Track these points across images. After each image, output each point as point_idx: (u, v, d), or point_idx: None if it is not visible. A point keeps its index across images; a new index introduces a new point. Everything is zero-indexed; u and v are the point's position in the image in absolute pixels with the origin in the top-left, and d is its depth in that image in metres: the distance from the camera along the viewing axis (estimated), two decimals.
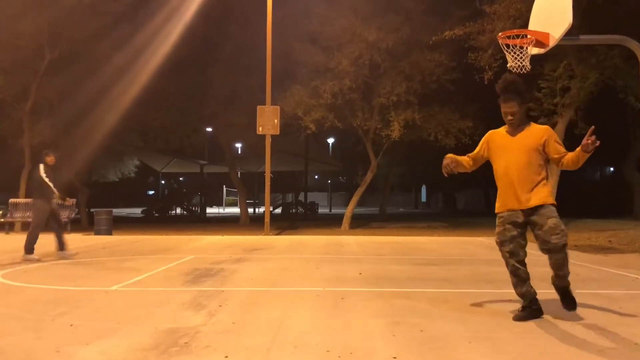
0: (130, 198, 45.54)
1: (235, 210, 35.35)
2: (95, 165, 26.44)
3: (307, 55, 17.19)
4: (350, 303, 5.20)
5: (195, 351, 3.58)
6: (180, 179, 50.87)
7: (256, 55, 17.82)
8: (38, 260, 8.55)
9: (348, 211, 18.85)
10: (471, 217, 27.31)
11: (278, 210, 34.92)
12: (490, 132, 4.84)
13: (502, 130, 4.72)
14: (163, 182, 47.50)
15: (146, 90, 18.25)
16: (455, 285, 6.34)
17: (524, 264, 4.56)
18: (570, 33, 7.93)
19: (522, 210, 4.44)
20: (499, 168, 4.64)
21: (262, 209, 24.15)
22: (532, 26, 8.31)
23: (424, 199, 54.71)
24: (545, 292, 5.74)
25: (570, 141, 16.10)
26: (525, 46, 7.88)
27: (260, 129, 15.25)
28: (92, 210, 20.15)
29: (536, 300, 4.60)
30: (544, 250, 4.40)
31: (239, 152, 35.21)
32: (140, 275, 7.04)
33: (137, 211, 34.85)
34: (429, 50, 16.34)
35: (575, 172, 28.74)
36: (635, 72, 8.04)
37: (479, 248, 10.94)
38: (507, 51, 7.99)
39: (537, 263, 5.28)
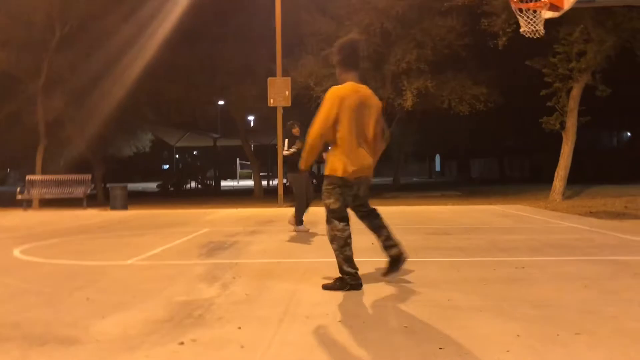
0: (146, 172, 45.90)
1: (249, 183, 35.51)
2: (110, 140, 26.60)
3: (317, 24, 16.99)
4: (362, 273, 5.22)
5: (209, 323, 3.63)
6: (194, 152, 51.07)
7: (266, 25, 17.65)
8: (307, 231, 8.57)
9: None
10: (485, 185, 27.19)
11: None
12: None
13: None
14: (177, 156, 47.69)
15: (157, 63, 18.23)
16: (468, 254, 6.34)
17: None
18: None
19: None
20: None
21: (275, 182, 24.19)
22: None
23: (438, 168, 54.50)
24: (560, 260, 5.73)
25: (590, 104, 15.87)
26: (538, 10, 7.69)
27: (272, 100, 15.18)
28: (107, 185, 20.36)
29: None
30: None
31: (252, 124, 35.15)
32: (155, 249, 7.13)
33: (152, 186, 35.15)
34: (440, 16, 16.06)
35: (592, 139, 28.25)
36: None
37: (493, 216, 10.89)
38: (519, 15, 7.84)
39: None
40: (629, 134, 30.55)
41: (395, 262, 4.65)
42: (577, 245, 6.79)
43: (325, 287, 4.54)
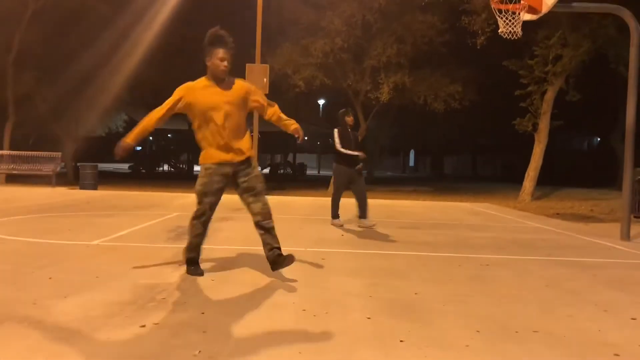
0: None
1: None
2: (82, 118, 26.10)
3: (298, 13, 16.89)
4: (330, 263, 5.26)
5: (172, 307, 3.61)
6: (168, 135, 50.47)
7: (247, 11, 17.48)
8: (341, 226, 8.13)
9: None
10: (458, 183, 27.51)
11: (266, 171, 34.92)
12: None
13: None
14: (151, 138, 47.06)
15: (135, 43, 17.90)
16: (436, 249, 6.42)
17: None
18: (564, 0, 7.83)
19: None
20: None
21: None
22: None
23: (412, 163, 54.93)
24: (527, 259, 5.86)
25: (561, 108, 16.14)
26: (517, 11, 7.78)
27: None
28: (78, 164, 20.02)
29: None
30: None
31: None
32: (122, 230, 7.05)
33: (124, 167, 34.66)
34: (421, 11, 16.12)
35: (563, 142, 28.72)
36: (628, 42, 7.98)
37: (463, 213, 11.04)
38: (499, 16, 7.90)
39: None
40: (598, 138, 31.20)
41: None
42: (542, 246, 6.93)
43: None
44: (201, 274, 4.59)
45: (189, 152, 35.64)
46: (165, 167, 34.69)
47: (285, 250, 4.84)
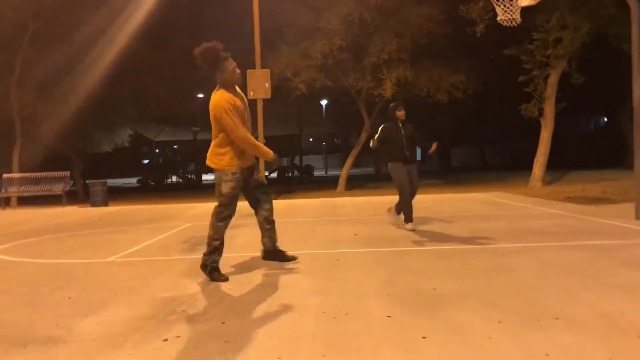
0: (125, 168, 45.45)
1: None
2: (88, 136, 26.25)
3: (295, 16, 16.89)
4: (346, 264, 5.26)
5: (192, 318, 3.63)
6: (175, 147, 50.68)
7: (245, 17, 17.50)
8: (413, 230, 7.32)
9: (343, 173, 18.89)
10: (466, 174, 27.40)
11: (274, 175, 34.93)
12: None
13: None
14: (157, 150, 47.31)
15: (136, 57, 17.97)
16: (449, 242, 6.40)
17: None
18: None
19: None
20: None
21: None
22: None
23: (419, 157, 54.78)
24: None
25: (566, 91, 16.01)
26: None
27: (252, 93, 15.05)
28: (87, 181, 20.13)
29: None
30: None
31: None
32: (137, 245, 7.08)
33: (132, 181, 34.82)
34: (417, 5, 16.09)
35: (570, 124, 28.57)
36: (629, 20, 7.92)
37: (474, 204, 11.00)
38: (496, 4, 7.87)
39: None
40: (605, 119, 30.98)
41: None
42: (556, 232, 6.89)
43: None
44: (226, 279, 4.70)
45: (196, 162, 35.76)
46: (174, 179, 34.80)
47: (299, 253, 4.86)
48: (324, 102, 41.65)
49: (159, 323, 3.55)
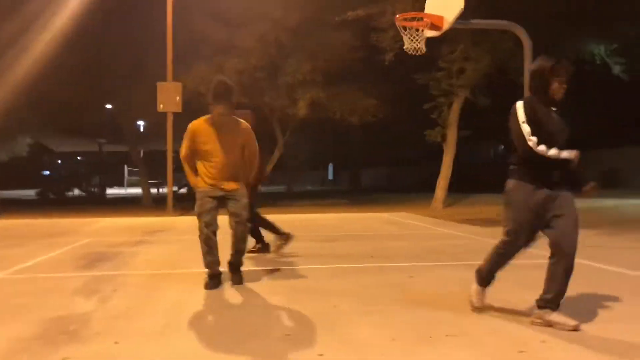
0: (23, 179, 42.68)
1: (138, 190, 34.18)
2: None
3: (210, 31, 16.77)
4: (247, 281, 5.23)
5: (84, 338, 3.47)
6: (78, 158, 48.35)
7: (159, 29, 17.14)
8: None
9: None
10: (374, 194, 28.15)
11: (183, 190, 34.11)
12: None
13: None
14: (60, 161, 44.92)
15: (41, 63, 17.03)
16: (352, 260, 6.55)
17: (215, 234, 5.03)
18: (464, 17, 8.24)
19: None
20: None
21: (166, 189, 23.46)
22: (428, 9, 8.54)
23: (330, 176, 55.60)
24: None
25: (467, 119, 16.85)
26: (420, 29, 8.15)
27: (161, 106, 14.76)
28: None
29: (219, 269, 5.09)
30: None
31: (142, 130, 33.88)
32: (29, 261, 6.67)
33: (30, 193, 32.76)
34: (333, 29, 16.48)
35: (471, 151, 30.08)
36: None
37: (379, 223, 11.32)
38: (404, 33, 8.24)
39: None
40: (502, 146, 33.03)
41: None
42: (453, 252, 7.24)
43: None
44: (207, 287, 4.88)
45: (101, 175, 34.34)
46: (76, 192, 33.12)
47: (199, 272, 4.78)
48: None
49: (47, 343, 3.36)
